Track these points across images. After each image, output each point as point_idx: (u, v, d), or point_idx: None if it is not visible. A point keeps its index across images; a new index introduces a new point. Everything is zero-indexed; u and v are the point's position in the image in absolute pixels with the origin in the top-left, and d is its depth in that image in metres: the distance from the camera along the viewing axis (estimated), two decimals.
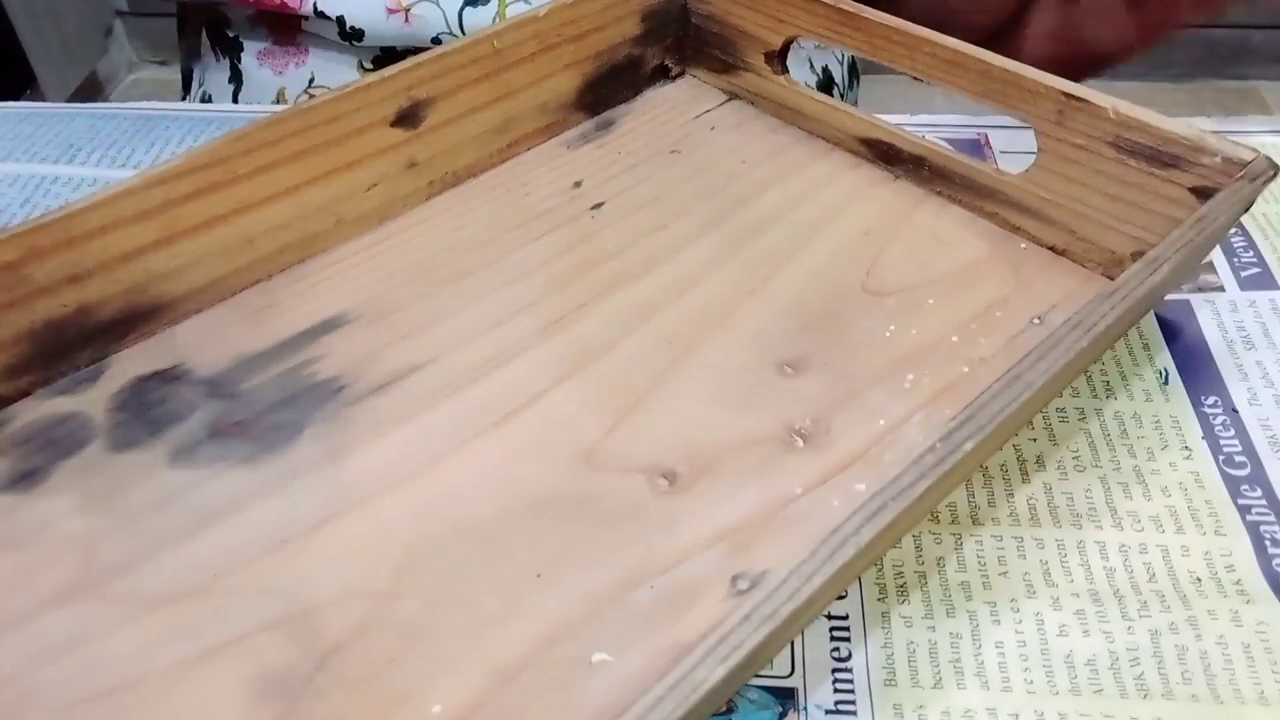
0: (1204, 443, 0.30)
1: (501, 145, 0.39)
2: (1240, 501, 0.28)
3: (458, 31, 0.48)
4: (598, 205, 0.37)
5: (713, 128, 0.41)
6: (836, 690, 0.24)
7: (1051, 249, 0.34)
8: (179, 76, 0.61)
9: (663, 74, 0.43)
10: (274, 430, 0.29)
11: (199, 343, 0.32)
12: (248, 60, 0.53)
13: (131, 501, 0.27)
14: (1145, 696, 0.24)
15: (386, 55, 0.50)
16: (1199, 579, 0.26)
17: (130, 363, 0.31)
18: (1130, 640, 0.25)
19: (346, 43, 0.50)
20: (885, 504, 0.22)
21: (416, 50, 0.36)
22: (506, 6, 0.48)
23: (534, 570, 0.26)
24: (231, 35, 0.54)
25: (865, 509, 0.22)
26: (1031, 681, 0.24)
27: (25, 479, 0.28)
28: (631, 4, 0.40)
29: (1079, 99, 0.32)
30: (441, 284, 0.34)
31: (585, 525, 0.27)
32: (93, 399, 0.30)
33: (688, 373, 0.31)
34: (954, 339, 0.31)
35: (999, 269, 0.34)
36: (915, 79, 0.36)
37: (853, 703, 0.24)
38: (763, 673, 0.25)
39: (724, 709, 0.24)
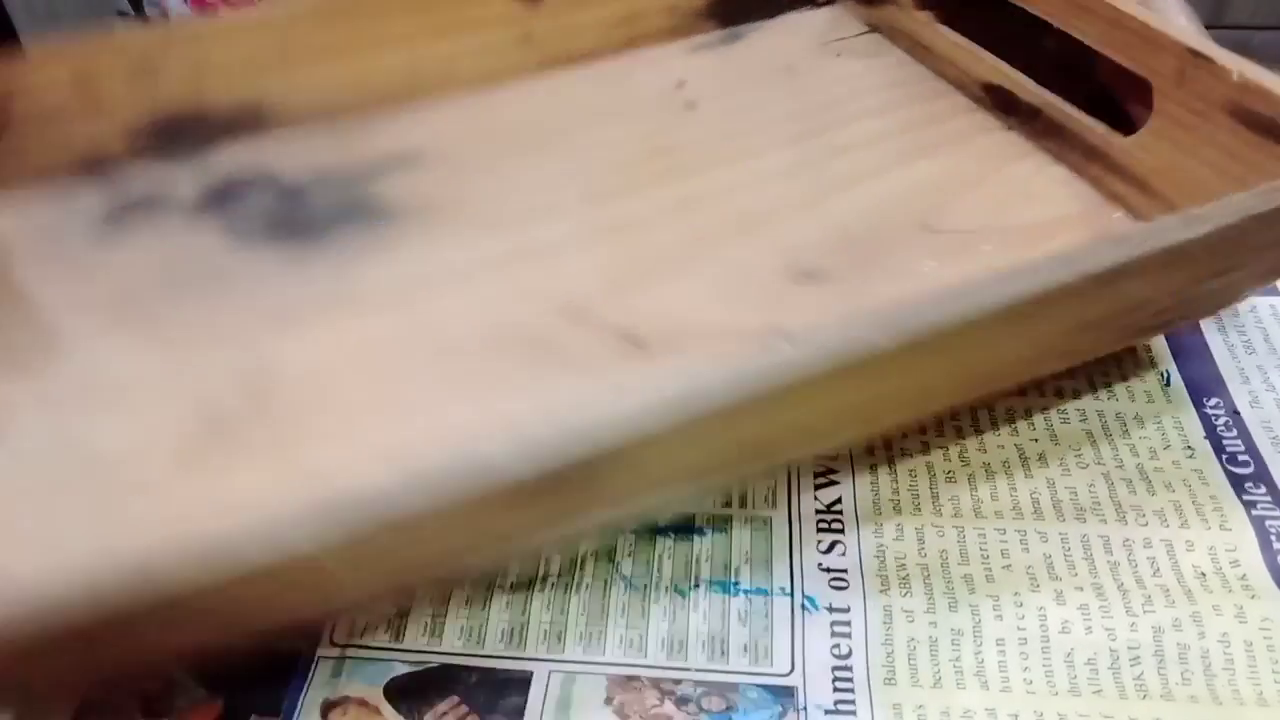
0: (1206, 442, 0.30)
1: (621, 38, 0.39)
2: (1245, 498, 0.28)
3: None
4: (691, 104, 0.37)
5: (839, 55, 0.40)
6: (836, 689, 0.24)
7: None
8: None
9: None
10: (315, 231, 0.32)
11: (290, 154, 0.35)
12: None
13: (175, 258, 0.32)
14: (1144, 697, 0.24)
15: None
16: (1203, 574, 0.26)
17: (229, 160, 0.35)
18: (1133, 638, 0.25)
19: None
20: (757, 369, 0.21)
21: None
22: None
23: (470, 392, 0.27)
24: None
25: (733, 374, 0.21)
26: (1031, 681, 0.24)
27: (111, 221, 0.33)
28: None
29: (1203, 56, 0.30)
30: (517, 148, 0.36)
31: (540, 368, 0.28)
32: (188, 178, 0.35)
33: (705, 263, 0.31)
34: None
35: (1078, 233, 0.32)
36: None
37: (852, 702, 0.24)
38: (762, 671, 0.25)
39: (724, 709, 0.24)
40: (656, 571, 0.27)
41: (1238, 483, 0.28)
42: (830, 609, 0.26)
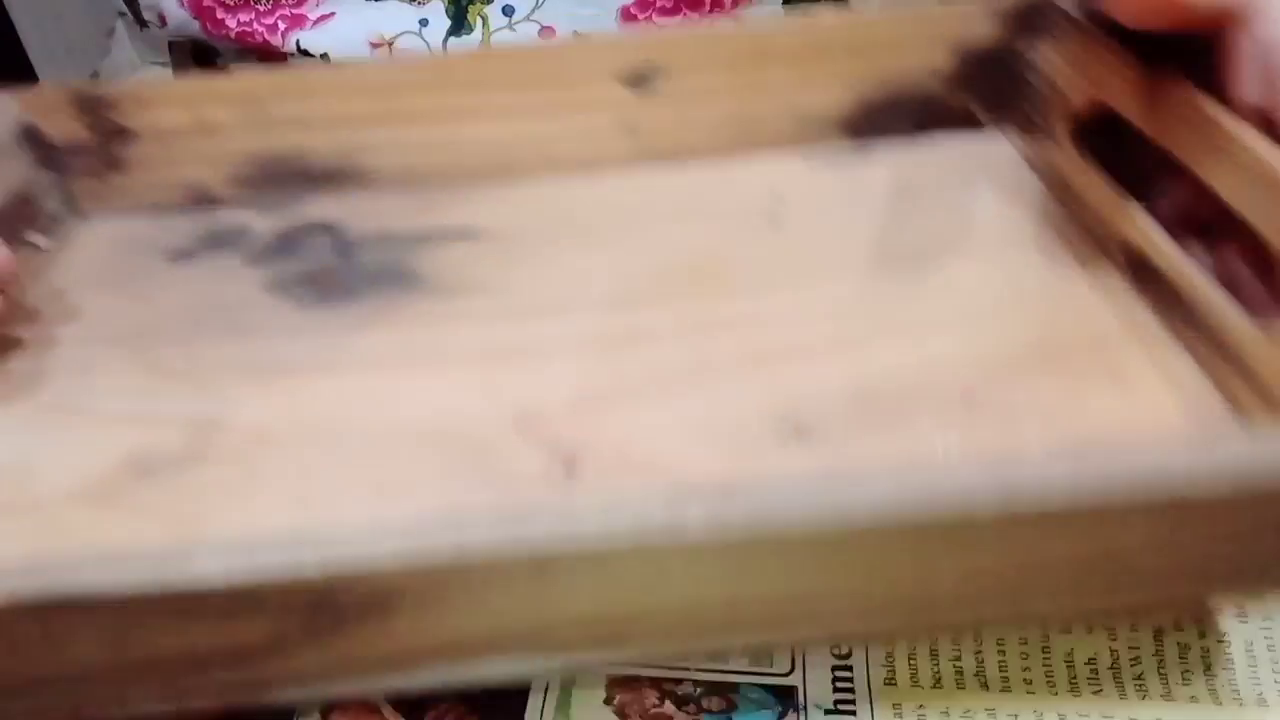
0: None
1: (734, 140, 0.36)
2: None
3: None
4: (777, 220, 0.33)
5: (971, 186, 0.34)
6: (836, 690, 0.24)
7: None
8: None
9: (963, 121, 0.36)
10: (343, 292, 0.32)
11: (366, 213, 0.35)
12: None
13: (209, 301, 0.32)
14: (1144, 697, 0.24)
15: None
16: None
17: (311, 209, 0.35)
18: (1133, 638, 0.25)
19: None
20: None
21: None
22: (491, 34, 0.46)
23: (371, 479, 0.25)
24: (219, 65, 0.53)
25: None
26: (1031, 681, 0.24)
27: (180, 257, 0.34)
28: (942, 34, 0.35)
29: None
30: (574, 238, 0.33)
31: (463, 470, 0.25)
32: (267, 223, 0.35)
33: (691, 395, 0.27)
34: None
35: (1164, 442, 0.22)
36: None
37: (852, 702, 0.24)
38: (762, 671, 0.25)
39: (724, 709, 0.24)
40: None
41: None
42: None
